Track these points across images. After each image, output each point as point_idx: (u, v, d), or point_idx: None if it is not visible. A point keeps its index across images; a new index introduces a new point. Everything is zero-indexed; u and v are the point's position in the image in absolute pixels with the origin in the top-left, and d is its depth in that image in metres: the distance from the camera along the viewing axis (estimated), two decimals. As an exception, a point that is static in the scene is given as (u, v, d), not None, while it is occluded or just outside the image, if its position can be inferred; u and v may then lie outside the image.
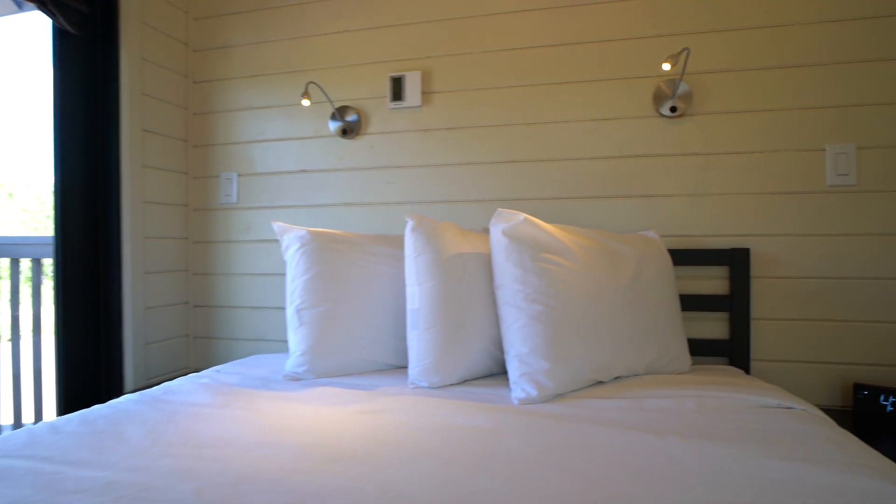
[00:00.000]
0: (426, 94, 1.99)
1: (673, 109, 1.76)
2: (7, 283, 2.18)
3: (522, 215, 1.38)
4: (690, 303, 1.75)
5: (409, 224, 1.47)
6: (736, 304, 1.72)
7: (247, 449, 0.96)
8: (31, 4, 1.70)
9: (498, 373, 1.48)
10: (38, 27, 1.77)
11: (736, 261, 1.72)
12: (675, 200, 1.79)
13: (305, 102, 1.90)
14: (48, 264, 2.15)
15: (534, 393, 1.24)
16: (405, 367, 1.52)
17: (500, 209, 1.40)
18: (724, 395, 1.24)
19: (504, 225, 1.38)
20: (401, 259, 1.56)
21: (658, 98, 1.79)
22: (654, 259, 1.55)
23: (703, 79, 1.77)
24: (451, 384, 1.38)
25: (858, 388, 1.59)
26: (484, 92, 1.94)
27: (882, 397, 1.54)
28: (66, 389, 1.87)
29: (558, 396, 1.27)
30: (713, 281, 1.77)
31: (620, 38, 1.82)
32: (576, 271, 1.35)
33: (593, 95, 1.84)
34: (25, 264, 2.20)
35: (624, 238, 1.57)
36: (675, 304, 1.57)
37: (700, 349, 1.75)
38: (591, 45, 1.85)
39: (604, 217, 1.83)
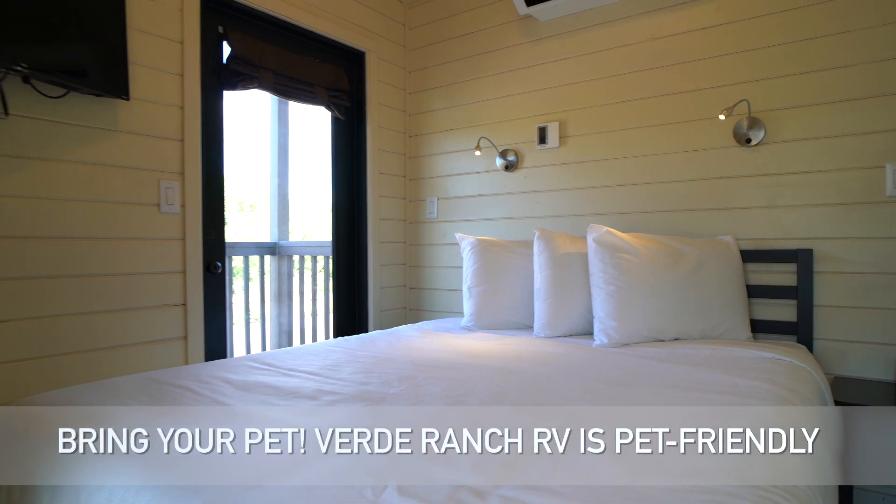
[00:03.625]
0: (563, 137, 2.76)
1: (748, 141, 2.28)
2: (309, 273, 3.52)
3: (605, 228, 2.11)
4: (764, 291, 2.26)
5: (536, 234, 2.29)
6: (801, 293, 2.18)
7: (435, 352, 1.89)
8: (322, 106, 2.90)
9: (592, 332, 2.22)
10: (321, 115, 2.96)
11: (801, 259, 2.18)
12: (751, 211, 2.30)
13: (477, 153, 2.83)
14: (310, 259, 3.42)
15: (605, 341, 1.98)
16: (532, 326, 2.34)
17: (591, 224, 2.15)
18: (738, 349, 1.82)
19: (594, 234, 2.12)
20: (531, 256, 2.38)
21: (737, 132, 2.31)
22: (718, 256, 2.13)
23: (776, 114, 2.25)
24: (558, 336, 2.17)
25: (900, 362, 1.96)
26: (604, 134, 2.64)
27: (917, 370, 1.90)
28: (337, 332, 3.07)
29: (623, 345, 1.98)
30: (783, 275, 2.24)
31: (707, 87, 2.38)
32: (640, 265, 2.03)
33: (686, 132, 2.43)
34: (304, 260, 3.53)
35: (691, 241, 2.17)
36: (737, 290, 2.12)
37: (773, 328, 2.25)
38: (684, 94, 2.43)
39: (693, 225, 2.40)
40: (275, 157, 3.58)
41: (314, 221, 4.98)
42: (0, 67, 1.62)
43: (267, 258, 3.66)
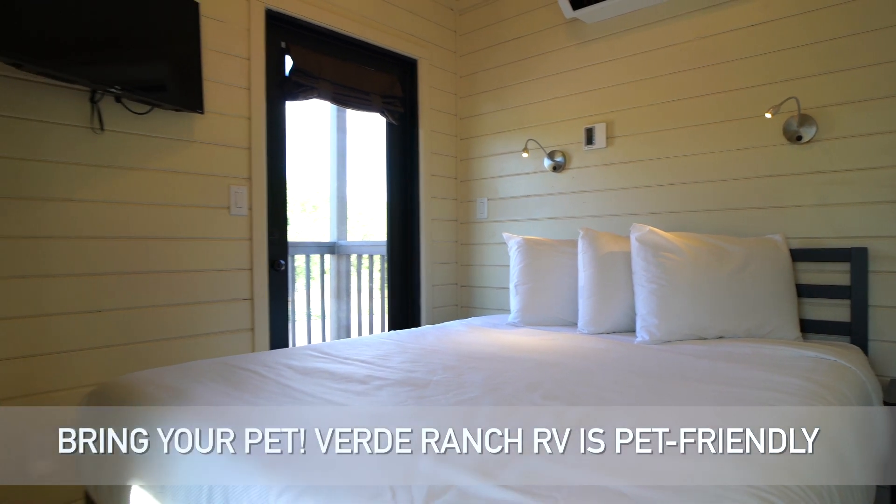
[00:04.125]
0: (609, 138, 2.80)
1: (798, 138, 2.25)
2: (366, 271, 3.70)
3: (648, 227, 2.14)
4: (817, 291, 2.22)
5: (580, 233, 2.35)
6: (855, 293, 2.13)
7: (480, 345, 2.00)
8: (377, 113, 3.06)
9: (635, 329, 2.25)
10: (376, 120, 3.11)
11: (855, 258, 2.13)
12: (802, 210, 2.27)
13: (525, 155, 2.91)
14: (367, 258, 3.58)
15: (647, 338, 2.02)
16: (576, 323, 2.40)
17: (634, 223, 2.19)
18: (782, 348, 1.83)
19: (637, 233, 2.16)
20: (576, 255, 2.44)
21: (787, 130, 2.29)
22: (765, 255, 2.12)
23: (828, 111, 2.21)
24: (601, 332, 2.22)
25: (960, 364, 1.90)
26: (651, 134, 2.66)
27: (978, 372, 1.84)
28: (391, 328, 3.22)
29: (665, 342, 2.01)
30: (836, 274, 2.20)
31: (756, 85, 2.36)
32: (682, 263, 2.06)
33: (734, 131, 2.42)
34: (361, 259, 3.70)
35: (737, 240, 2.17)
36: (784, 289, 2.10)
37: (826, 329, 2.21)
38: (732, 92, 2.42)
39: (741, 224, 2.39)
40: (334, 160, 3.78)
41: (373, 221, 5.20)
42: (98, 89, 1.85)
43: (327, 257, 3.87)
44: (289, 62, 2.66)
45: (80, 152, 1.95)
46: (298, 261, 3.90)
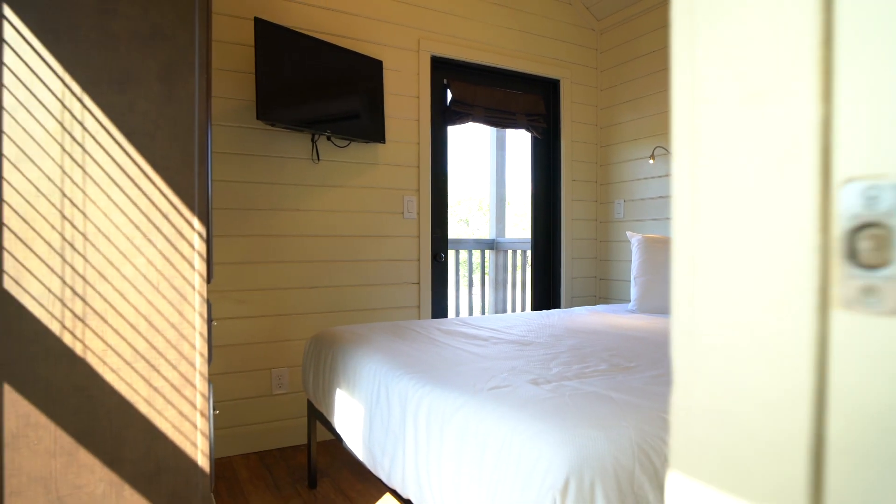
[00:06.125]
0: (735, 142, 2.99)
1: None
2: (519, 264, 4.27)
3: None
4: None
5: (692, 232, 2.64)
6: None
7: (591, 324, 2.44)
8: (523, 129, 3.59)
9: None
10: (523, 135, 3.62)
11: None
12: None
13: (651, 162, 3.22)
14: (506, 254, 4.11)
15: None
16: (689, 311, 2.69)
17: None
18: None
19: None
20: (690, 251, 2.72)
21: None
22: None
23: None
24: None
25: None
26: (776, 137, 2.81)
27: None
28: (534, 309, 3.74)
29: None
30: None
31: None
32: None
33: None
34: (516, 254, 4.25)
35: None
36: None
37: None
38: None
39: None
40: (493, 169, 4.42)
41: (527, 221, 5.78)
42: (317, 134, 2.68)
43: (486, 252, 4.51)
44: (448, 94, 3.33)
45: (305, 176, 2.81)
46: (463, 255, 4.60)
